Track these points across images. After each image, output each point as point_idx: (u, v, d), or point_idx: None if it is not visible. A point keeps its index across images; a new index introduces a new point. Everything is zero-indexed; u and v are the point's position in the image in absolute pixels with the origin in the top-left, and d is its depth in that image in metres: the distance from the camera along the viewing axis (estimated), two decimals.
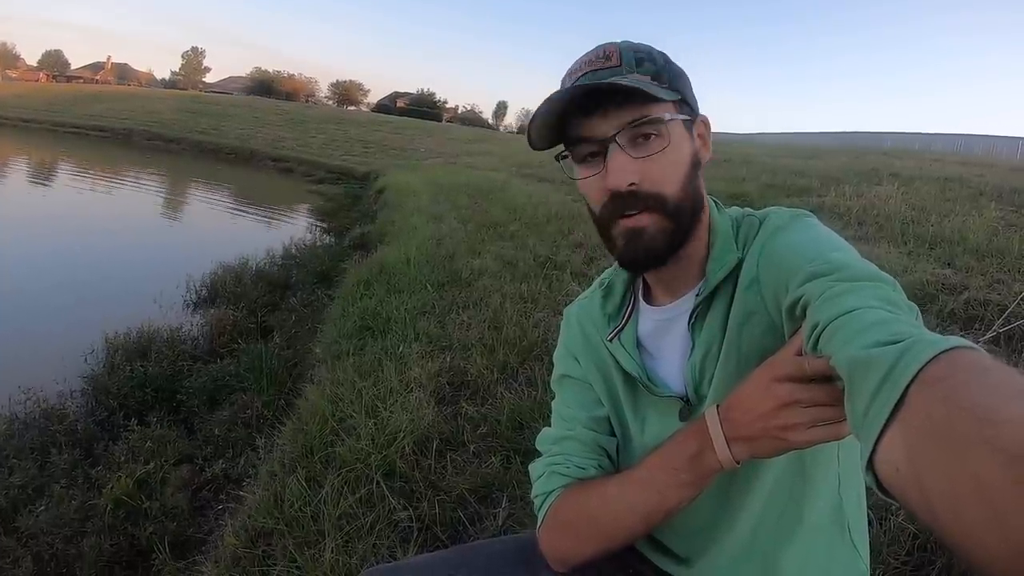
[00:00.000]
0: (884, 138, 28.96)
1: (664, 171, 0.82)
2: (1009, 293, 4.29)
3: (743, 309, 0.83)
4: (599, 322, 1.00)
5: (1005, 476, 0.35)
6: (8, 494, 3.08)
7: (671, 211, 0.82)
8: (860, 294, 0.62)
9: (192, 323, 5.87)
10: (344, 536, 2.02)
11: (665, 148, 0.81)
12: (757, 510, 0.88)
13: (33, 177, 17.51)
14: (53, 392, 4.14)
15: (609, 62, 0.82)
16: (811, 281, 0.68)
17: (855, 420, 0.50)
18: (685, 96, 0.85)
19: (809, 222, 0.86)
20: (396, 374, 3.18)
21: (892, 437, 0.45)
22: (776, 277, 0.78)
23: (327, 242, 10.43)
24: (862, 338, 0.54)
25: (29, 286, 6.83)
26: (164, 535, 2.72)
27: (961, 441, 0.39)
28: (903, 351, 0.48)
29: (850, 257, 0.72)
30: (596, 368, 1.01)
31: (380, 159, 28.56)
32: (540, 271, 5.44)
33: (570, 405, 1.02)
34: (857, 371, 0.51)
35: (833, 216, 7.46)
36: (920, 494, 0.41)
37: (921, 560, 1.81)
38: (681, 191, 0.83)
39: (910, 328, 0.54)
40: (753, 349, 0.82)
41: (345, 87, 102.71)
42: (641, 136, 0.81)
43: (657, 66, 0.83)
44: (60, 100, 46.94)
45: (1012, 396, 0.40)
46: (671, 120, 0.82)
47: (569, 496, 0.92)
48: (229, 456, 3.36)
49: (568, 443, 0.98)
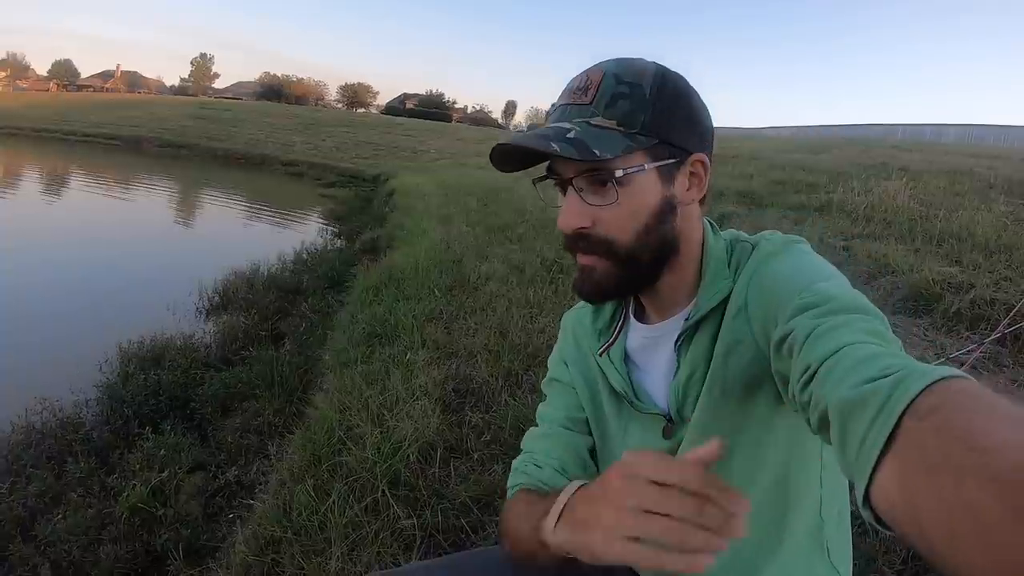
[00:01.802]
0: (895, 130, 28.69)
1: (619, 220, 0.80)
2: (1016, 292, 4.25)
3: (730, 337, 0.83)
4: (590, 335, 1.02)
5: (999, 505, 0.35)
6: (26, 503, 3.13)
7: (622, 258, 0.82)
8: (848, 329, 0.61)
9: (205, 330, 5.91)
10: (350, 544, 2.06)
11: (618, 200, 0.79)
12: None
13: (46, 187, 17.65)
14: (69, 402, 4.19)
15: (584, 97, 0.80)
16: (800, 315, 0.68)
17: (849, 459, 0.50)
18: (669, 138, 0.81)
19: (801, 249, 0.85)
20: (403, 382, 3.21)
21: (887, 471, 0.45)
22: (765, 308, 0.78)
23: (338, 246, 10.47)
24: (853, 376, 0.54)
25: (44, 296, 6.91)
26: (178, 542, 2.77)
27: (955, 471, 0.38)
28: (894, 384, 0.48)
29: (839, 287, 0.72)
30: (583, 378, 1.04)
31: (390, 161, 28.68)
32: (547, 275, 5.47)
33: (553, 406, 1.07)
34: (850, 411, 0.51)
35: (841, 213, 7.43)
36: (916, 525, 0.41)
37: (916, 569, 1.83)
38: (635, 240, 0.81)
39: (900, 360, 0.54)
40: (738, 377, 0.82)
41: (354, 89, 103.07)
42: (599, 183, 0.80)
43: (633, 105, 0.79)
44: (70, 109, 47.38)
45: (1003, 423, 0.40)
46: (628, 173, 0.79)
47: (512, 501, 0.97)
48: (241, 463, 3.40)
49: (542, 441, 1.04)
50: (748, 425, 0.84)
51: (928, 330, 4.12)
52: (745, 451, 0.86)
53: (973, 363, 3.46)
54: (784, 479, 0.87)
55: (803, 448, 0.86)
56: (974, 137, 24.03)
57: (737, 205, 8.52)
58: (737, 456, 0.86)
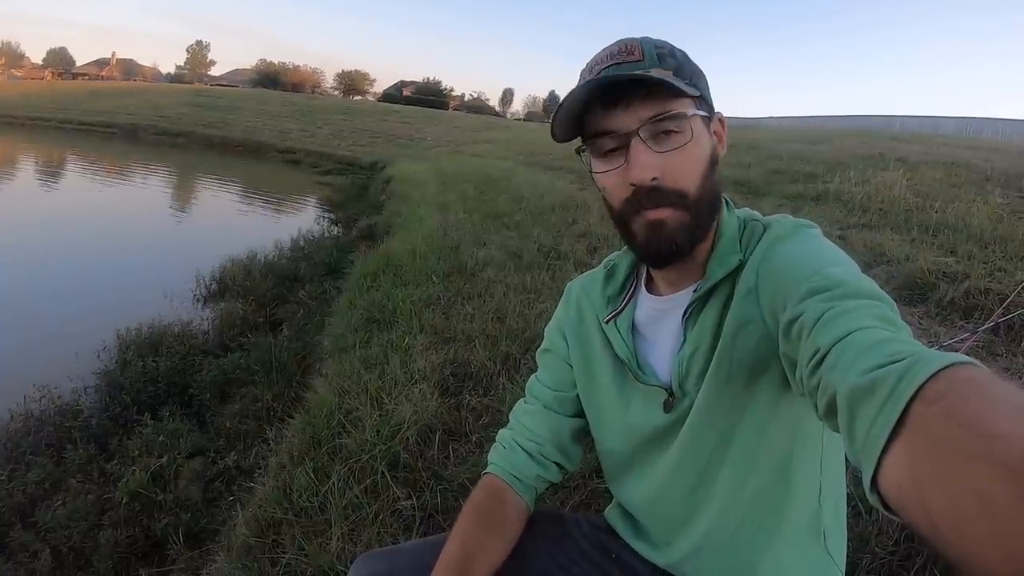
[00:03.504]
0: (894, 121, 28.68)
1: (686, 166, 0.82)
2: (1011, 282, 4.26)
3: (739, 317, 0.83)
4: (598, 302, 1.02)
5: (1006, 491, 0.35)
6: (26, 490, 3.16)
7: (691, 206, 0.83)
8: (858, 314, 0.61)
9: (202, 317, 5.94)
10: (350, 525, 2.08)
11: (687, 143, 0.81)
12: (735, 512, 0.90)
13: (42, 175, 17.58)
14: (67, 389, 4.21)
15: (632, 56, 0.81)
16: (809, 298, 0.68)
17: (857, 445, 0.50)
18: (704, 94, 0.85)
19: (811, 233, 0.86)
20: (401, 366, 3.22)
21: (895, 456, 0.45)
22: (774, 290, 0.78)
23: (335, 233, 10.48)
24: (862, 361, 0.54)
25: (41, 284, 6.92)
26: (178, 526, 2.80)
27: (962, 457, 0.38)
28: (903, 371, 0.48)
29: (848, 273, 0.72)
30: (580, 349, 1.05)
31: (387, 149, 28.52)
32: (544, 261, 5.48)
33: (543, 381, 1.09)
34: (858, 397, 0.51)
35: (837, 203, 7.45)
36: (923, 512, 0.41)
37: (908, 551, 1.84)
38: (701, 186, 0.83)
39: (909, 346, 0.54)
40: (746, 358, 0.83)
41: (351, 77, 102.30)
42: (663, 132, 0.81)
43: (678, 62, 0.83)
44: (66, 97, 46.98)
45: (1012, 410, 0.40)
46: (693, 116, 0.82)
47: (474, 494, 1.05)
48: (240, 448, 3.43)
49: (526, 418, 1.09)
50: (752, 408, 0.85)
51: (923, 319, 4.15)
52: (748, 434, 0.86)
53: (967, 351, 3.49)
54: (786, 464, 0.87)
55: (806, 434, 0.87)
56: (972, 130, 24.02)
57: (734, 194, 8.54)
58: (739, 439, 0.87)
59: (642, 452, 0.98)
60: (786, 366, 0.73)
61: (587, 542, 1.09)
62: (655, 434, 0.95)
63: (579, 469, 2.14)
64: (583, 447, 1.11)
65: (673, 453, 0.92)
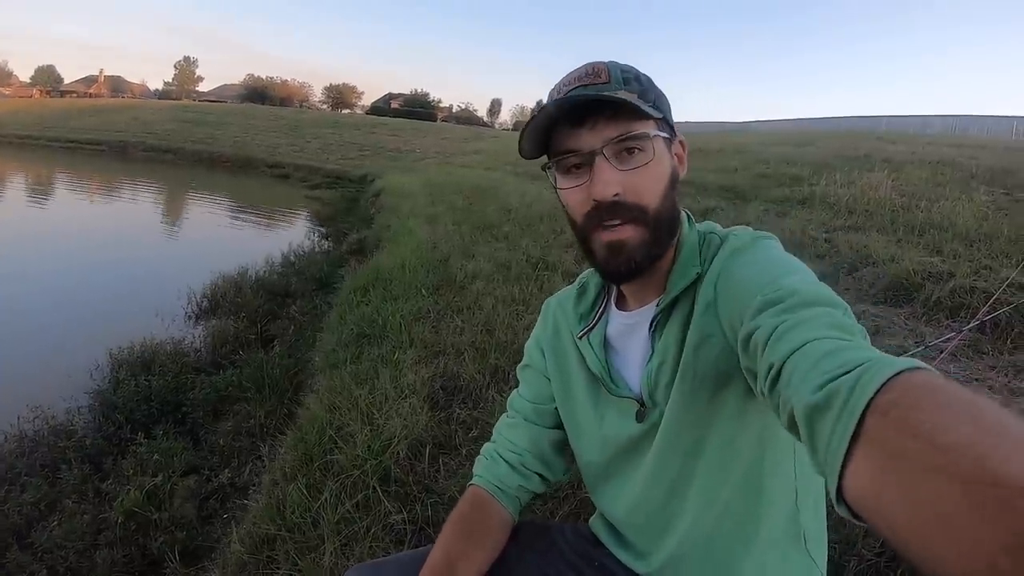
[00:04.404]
0: (880, 122, 28.88)
1: (647, 184, 0.85)
2: (996, 280, 4.31)
3: (701, 331, 0.86)
4: (571, 319, 1.06)
5: (962, 502, 0.36)
6: (22, 511, 3.14)
7: (651, 222, 0.85)
8: (810, 325, 0.62)
9: (194, 335, 5.90)
10: (342, 540, 2.10)
11: (649, 163, 0.84)
12: (710, 520, 0.92)
13: (31, 194, 17.48)
14: (61, 409, 4.18)
15: (599, 79, 0.85)
16: (763, 312, 0.69)
17: (819, 460, 0.51)
18: (666, 116, 0.89)
19: (768, 244, 0.88)
20: (391, 381, 3.24)
21: (855, 469, 0.46)
22: (732, 304, 0.80)
23: (325, 248, 10.45)
24: (815, 374, 0.55)
25: (32, 304, 6.88)
26: (174, 544, 2.79)
27: (917, 469, 0.39)
28: (854, 382, 0.49)
29: (803, 281, 0.73)
30: (557, 364, 1.09)
31: (376, 161, 28.57)
32: (532, 272, 5.52)
33: (523, 395, 1.14)
34: (813, 414, 0.52)
35: (823, 205, 7.50)
36: (886, 521, 0.42)
37: (895, 553, 1.87)
38: (661, 204, 0.86)
39: (861, 353, 0.54)
40: (709, 372, 0.85)
41: (339, 90, 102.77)
42: (626, 150, 0.84)
43: (643, 85, 0.87)
44: (54, 115, 47.01)
45: (962, 418, 0.40)
46: (655, 136, 0.85)
47: (459, 506, 1.09)
48: (234, 465, 3.42)
49: (507, 431, 1.13)
50: (720, 418, 0.87)
51: (909, 319, 4.19)
52: (717, 444, 0.88)
53: (953, 350, 3.53)
54: (758, 471, 0.89)
55: (776, 440, 0.88)
56: (959, 128, 24.20)
57: (720, 199, 8.59)
58: (709, 448, 0.89)
59: (618, 462, 1.01)
60: (749, 379, 0.74)
61: (572, 551, 1.11)
62: (629, 444, 0.98)
63: (567, 479, 2.17)
64: (565, 458, 1.14)
65: (648, 463, 0.95)
